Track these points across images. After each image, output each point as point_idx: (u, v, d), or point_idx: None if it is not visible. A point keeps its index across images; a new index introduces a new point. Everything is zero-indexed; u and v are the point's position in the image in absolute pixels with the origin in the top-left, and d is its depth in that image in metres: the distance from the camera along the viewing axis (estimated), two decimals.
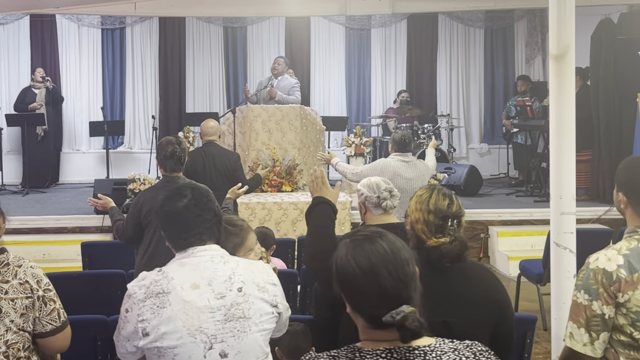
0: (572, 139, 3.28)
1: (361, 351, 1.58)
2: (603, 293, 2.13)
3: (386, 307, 1.52)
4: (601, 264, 2.15)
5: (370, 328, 1.58)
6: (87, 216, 7.52)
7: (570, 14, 3.25)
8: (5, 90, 10.87)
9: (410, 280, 1.56)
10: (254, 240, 2.97)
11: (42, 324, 2.33)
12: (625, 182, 2.26)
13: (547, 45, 9.40)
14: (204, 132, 5.66)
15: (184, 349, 2.12)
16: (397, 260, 1.56)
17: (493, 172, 11.07)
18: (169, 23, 11.07)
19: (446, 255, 2.29)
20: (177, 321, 2.12)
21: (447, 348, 1.60)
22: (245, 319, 2.17)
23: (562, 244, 3.22)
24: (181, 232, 2.25)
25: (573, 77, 3.29)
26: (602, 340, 2.15)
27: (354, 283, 1.56)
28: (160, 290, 2.15)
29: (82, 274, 4.75)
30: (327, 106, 11.41)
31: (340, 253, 1.62)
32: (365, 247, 1.58)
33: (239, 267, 2.24)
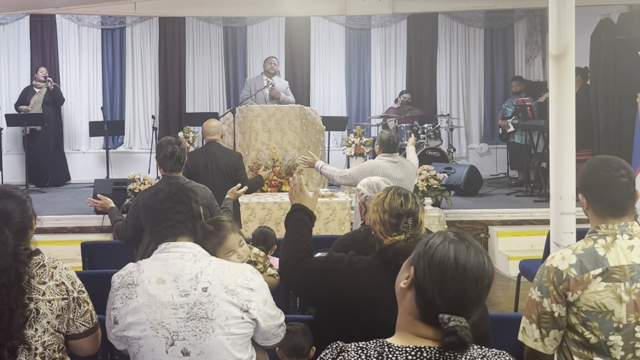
0: (572, 139, 3.28)
1: (390, 346, 1.57)
2: (553, 291, 2.15)
3: (449, 309, 1.53)
4: (555, 262, 2.18)
5: (417, 318, 1.58)
6: (87, 216, 7.52)
7: (570, 14, 3.26)
8: (6, 90, 10.86)
9: (479, 301, 1.57)
10: (235, 242, 2.90)
11: (75, 325, 2.34)
12: (583, 183, 2.28)
13: (547, 45, 9.40)
14: (206, 131, 5.65)
15: (147, 341, 2.17)
16: (486, 280, 1.57)
17: (493, 172, 11.08)
18: (169, 23, 11.07)
19: (400, 253, 2.28)
20: (141, 313, 2.17)
21: (476, 354, 1.58)
22: (208, 320, 2.16)
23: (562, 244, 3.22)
24: (154, 225, 2.33)
25: (573, 77, 3.29)
26: (553, 338, 2.18)
27: (441, 269, 1.55)
28: (131, 281, 2.22)
29: (82, 274, 4.73)
30: (327, 106, 11.42)
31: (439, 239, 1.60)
32: (471, 250, 1.58)
33: (209, 267, 2.23)
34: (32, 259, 2.30)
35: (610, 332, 2.11)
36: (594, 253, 2.16)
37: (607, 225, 2.19)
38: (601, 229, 2.20)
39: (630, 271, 2.13)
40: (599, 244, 2.17)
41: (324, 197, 7.18)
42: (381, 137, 5.39)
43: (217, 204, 4.36)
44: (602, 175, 2.21)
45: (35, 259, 2.31)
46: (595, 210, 2.23)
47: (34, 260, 2.30)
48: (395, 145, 5.31)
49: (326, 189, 7.67)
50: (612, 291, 2.11)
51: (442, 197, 7.74)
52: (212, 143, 5.60)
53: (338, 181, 5.46)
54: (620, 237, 2.17)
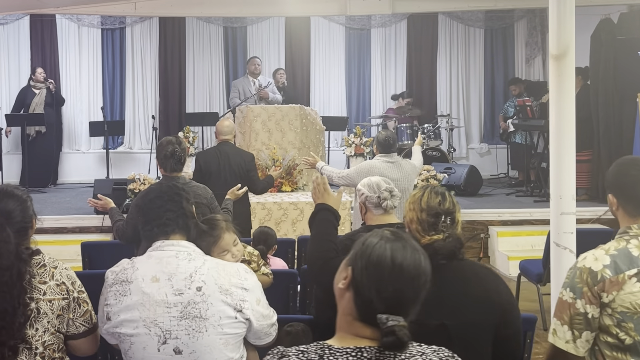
0: (572, 139, 3.28)
1: (331, 348, 1.57)
2: (587, 292, 2.13)
3: (387, 308, 1.53)
4: (588, 263, 2.16)
5: (355, 318, 1.58)
6: (87, 216, 7.52)
7: (570, 14, 3.26)
8: (6, 90, 10.86)
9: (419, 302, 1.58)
10: (229, 241, 2.90)
11: (75, 325, 2.35)
12: (613, 182, 2.26)
13: (547, 45, 9.39)
14: (219, 131, 5.64)
15: (139, 339, 2.17)
16: (423, 279, 1.58)
17: (493, 172, 11.07)
18: (169, 23, 11.07)
19: (439, 252, 2.26)
20: (134, 311, 2.17)
21: (415, 351, 1.59)
22: (201, 319, 2.16)
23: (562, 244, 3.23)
24: (146, 223, 2.34)
25: (573, 77, 3.29)
26: (585, 339, 2.15)
27: (377, 269, 1.56)
28: (125, 278, 2.22)
29: (82, 274, 4.73)
30: (327, 106, 11.41)
31: (377, 239, 1.61)
32: (407, 249, 1.59)
33: (204, 267, 2.23)
34: (33, 259, 2.30)
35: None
36: (627, 253, 2.14)
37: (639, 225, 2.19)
38: (633, 229, 2.19)
39: None
40: (632, 244, 2.15)
41: None
42: (378, 137, 5.41)
43: (217, 204, 4.36)
44: (633, 174, 2.20)
45: (36, 259, 2.32)
46: (627, 209, 2.22)
47: (35, 260, 2.31)
48: (391, 145, 5.31)
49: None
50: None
51: None
52: (225, 143, 5.58)
53: (337, 182, 5.46)
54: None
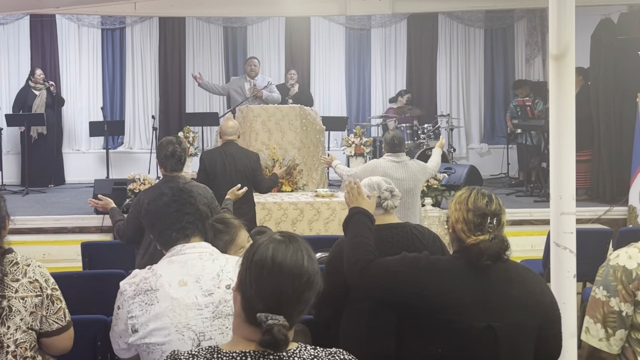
0: (572, 139, 3.28)
1: (219, 352, 1.59)
2: (622, 290, 2.13)
3: (266, 307, 1.54)
4: (621, 261, 2.15)
5: (244, 320, 1.60)
6: (87, 216, 7.51)
7: (570, 14, 3.25)
8: (6, 90, 10.86)
9: (303, 302, 1.58)
10: (245, 238, 2.95)
11: (48, 322, 2.34)
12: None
13: (547, 45, 9.39)
14: (224, 131, 5.64)
15: (172, 345, 2.14)
16: (305, 277, 1.59)
17: (493, 172, 11.07)
18: (169, 23, 11.07)
19: (485, 252, 2.25)
20: (165, 318, 2.14)
21: (306, 354, 1.60)
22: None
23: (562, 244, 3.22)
24: (164, 229, 2.31)
25: (573, 77, 3.28)
26: (619, 337, 2.15)
27: (258, 269, 1.58)
28: (149, 287, 2.19)
29: (82, 274, 4.74)
30: (327, 106, 11.42)
31: (264, 240, 1.65)
32: (290, 248, 1.61)
33: (228, 265, 2.25)
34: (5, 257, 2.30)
35: None
36: None
37: None
38: None
39: None
40: None
41: (324, 197, 7.18)
42: (385, 137, 5.48)
43: (217, 204, 4.37)
44: None
45: (9, 257, 2.32)
46: None
47: (7, 258, 2.31)
48: (397, 145, 5.35)
49: (326, 189, 7.67)
50: None
51: (442, 197, 7.74)
52: (230, 143, 5.58)
53: (346, 180, 5.49)
54: None
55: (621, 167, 8.18)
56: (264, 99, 8.49)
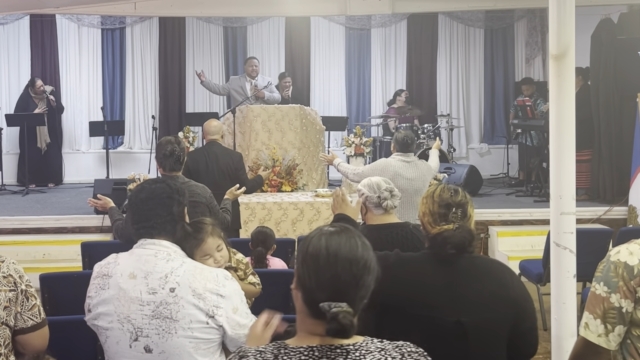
0: (572, 139, 3.28)
1: (286, 347, 1.60)
2: (623, 286, 2.13)
3: (328, 296, 1.55)
4: (622, 257, 2.15)
5: (307, 315, 1.60)
6: (87, 216, 7.52)
7: (570, 14, 3.25)
8: (5, 90, 10.86)
9: (362, 287, 1.59)
10: (212, 246, 2.86)
11: (23, 319, 2.34)
12: None
13: (547, 45, 9.39)
14: (207, 131, 5.67)
15: (113, 333, 2.21)
16: (362, 261, 1.60)
17: (493, 172, 11.07)
18: (169, 23, 11.07)
19: (448, 240, 2.27)
20: (110, 305, 2.21)
21: (373, 347, 1.60)
22: (172, 321, 2.16)
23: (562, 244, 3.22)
24: (134, 222, 2.35)
25: (573, 77, 3.28)
26: (617, 333, 2.15)
27: (314, 261, 1.60)
28: (106, 272, 2.27)
29: (82, 274, 4.74)
30: (327, 106, 11.41)
31: (314, 234, 1.66)
32: (342, 236, 1.63)
33: (181, 269, 2.23)
34: None
35: None
36: None
37: None
38: None
39: None
40: None
41: (324, 197, 7.18)
42: (396, 136, 5.42)
43: (216, 203, 4.36)
44: None
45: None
46: None
47: None
48: (409, 145, 5.33)
49: (326, 189, 7.67)
50: None
51: None
52: (213, 143, 5.61)
53: (352, 178, 5.48)
54: None
55: (621, 167, 8.18)
56: (266, 100, 8.50)
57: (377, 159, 6.20)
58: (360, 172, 5.33)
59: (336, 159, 5.67)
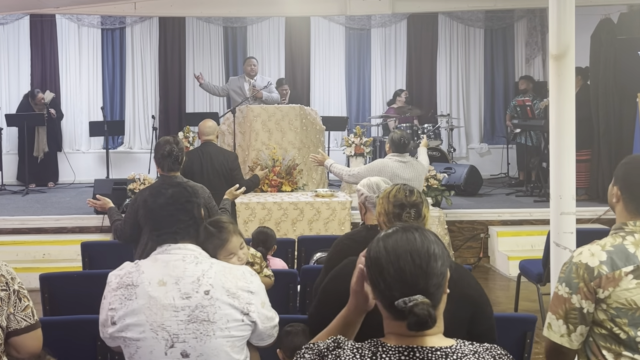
0: (572, 139, 3.28)
1: (384, 346, 1.59)
2: (583, 288, 2.15)
3: (401, 293, 1.54)
4: (584, 258, 2.17)
5: (390, 318, 1.60)
6: (87, 216, 7.52)
7: (570, 14, 3.25)
8: (5, 90, 10.86)
9: (432, 275, 1.57)
10: (237, 244, 2.90)
11: (17, 319, 2.32)
12: (624, 177, 2.26)
13: (547, 45, 9.39)
14: (202, 131, 5.67)
15: (146, 343, 2.15)
16: (423, 250, 1.58)
17: (493, 172, 11.07)
18: (169, 23, 11.07)
19: None
20: (141, 315, 2.15)
21: (467, 350, 1.60)
22: (209, 323, 2.15)
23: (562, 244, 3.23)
24: (154, 229, 2.32)
25: (573, 77, 3.29)
26: (579, 333, 2.18)
27: (377, 263, 1.60)
28: (131, 282, 2.20)
29: (82, 274, 4.75)
30: (327, 106, 11.41)
31: (374, 241, 1.66)
32: (398, 234, 1.63)
33: (211, 270, 2.22)
34: None
35: (639, 328, 2.11)
36: (624, 250, 2.15)
37: (636, 223, 2.20)
38: (629, 225, 2.20)
39: None
40: (628, 240, 2.17)
41: (324, 197, 7.18)
42: (392, 137, 5.40)
43: (215, 203, 4.36)
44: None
45: None
46: (628, 207, 2.22)
47: None
48: (405, 145, 5.32)
49: (326, 189, 7.67)
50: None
51: (442, 197, 7.75)
52: (208, 143, 5.61)
53: (347, 180, 5.46)
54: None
55: None
56: (264, 100, 8.50)
57: (375, 160, 6.19)
58: (356, 174, 5.31)
59: (328, 160, 5.61)
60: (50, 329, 3.11)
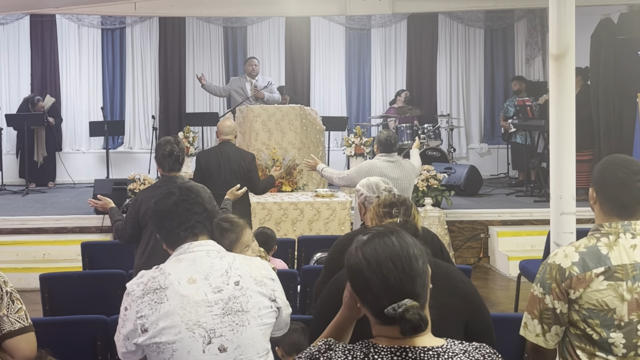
0: (572, 139, 3.28)
1: (376, 347, 1.59)
2: (555, 288, 2.17)
3: (389, 300, 1.54)
4: (557, 259, 2.19)
5: (379, 324, 1.60)
6: (87, 216, 7.52)
7: (570, 14, 3.26)
8: (5, 91, 10.86)
9: (416, 275, 1.57)
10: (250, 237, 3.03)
11: (10, 321, 2.31)
12: (598, 179, 2.27)
13: (547, 45, 9.39)
14: (220, 131, 5.64)
15: (183, 343, 2.13)
16: (403, 254, 1.58)
17: (493, 172, 11.08)
18: (169, 23, 11.07)
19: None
20: (175, 316, 2.13)
21: (457, 350, 1.61)
22: (243, 313, 2.17)
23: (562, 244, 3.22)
24: (174, 228, 2.31)
25: (573, 77, 3.29)
26: (554, 333, 2.21)
27: (359, 274, 1.59)
28: (158, 286, 2.18)
29: (82, 274, 4.75)
30: (327, 106, 11.41)
31: (351, 248, 1.65)
32: (375, 241, 1.61)
33: (236, 262, 2.26)
34: None
35: (611, 329, 2.13)
36: (596, 251, 2.17)
37: (611, 224, 2.20)
38: (604, 227, 2.21)
39: (633, 270, 2.14)
40: (602, 242, 2.18)
41: (324, 197, 7.18)
42: (379, 137, 5.40)
43: (215, 203, 4.36)
44: (620, 176, 2.20)
45: None
46: (603, 208, 2.24)
47: None
48: (392, 145, 5.31)
49: (326, 189, 7.67)
50: (614, 290, 2.12)
51: (442, 197, 7.74)
52: (226, 143, 5.58)
53: (337, 183, 5.47)
54: (623, 235, 2.18)
55: None
56: (265, 100, 8.50)
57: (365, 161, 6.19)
58: (345, 176, 5.32)
59: (319, 165, 5.61)
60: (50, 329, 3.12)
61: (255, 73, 8.76)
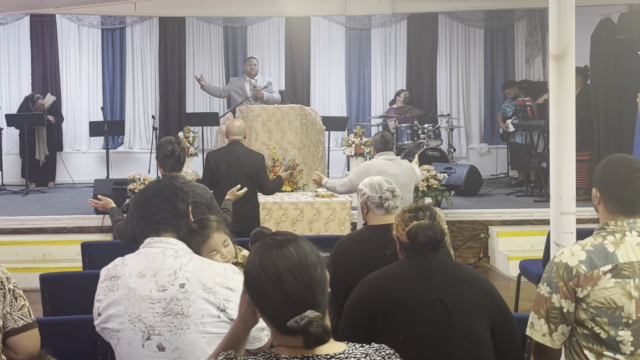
0: (572, 139, 3.28)
1: (278, 357, 1.58)
2: (562, 287, 2.17)
3: (291, 312, 1.53)
4: (564, 258, 2.20)
5: (280, 334, 1.58)
6: (87, 216, 7.51)
7: (570, 14, 3.25)
8: (6, 91, 10.86)
9: (316, 285, 1.56)
10: (219, 241, 2.92)
11: (14, 319, 2.32)
12: (600, 178, 2.29)
13: (547, 45, 9.39)
14: (230, 131, 5.63)
15: (125, 334, 2.19)
16: (302, 265, 1.57)
17: (493, 172, 11.08)
18: (169, 23, 11.07)
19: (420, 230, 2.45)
20: (120, 306, 2.20)
21: (359, 353, 1.61)
22: (183, 316, 2.16)
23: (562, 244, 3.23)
24: (139, 220, 2.37)
25: (573, 77, 3.29)
26: (561, 332, 2.21)
27: (259, 287, 1.58)
28: (115, 274, 2.27)
29: (82, 274, 4.74)
30: (327, 106, 11.41)
31: (249, 258, 1.63)
32: (273, 252, 1.59)
33: (189, 264, 2.24)
34: None
35: (619, 327, 2.13)
36: (603, 249, 2.17)
37: (616, 222, 2.21)
38: (610, 225, 2.22)
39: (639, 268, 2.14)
40: (608, 240, 2.19)
41: (324, 197, 7.18)
42: (374, 139, 5.48)
43: (217, 204, 4.36)
44: (622, 173, 2.22)
45: None
46: (607, 206, 2.25)
47: None
48: (387, 142, 5.35)
49: (326, 189, 7.66)
50: (622, 287, 2.13)
51: (442, 197, 7.74)
52: (235, 143, 5.57)
53: (340, 190, 5.51)
54: (629, 233, 2.19)
55: None
56: (265, 100, 8.50)
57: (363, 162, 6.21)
58: (346, 181, 5.35)
59: (324, 179, 5.67)
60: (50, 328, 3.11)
61: (254, 73, 8.76)
